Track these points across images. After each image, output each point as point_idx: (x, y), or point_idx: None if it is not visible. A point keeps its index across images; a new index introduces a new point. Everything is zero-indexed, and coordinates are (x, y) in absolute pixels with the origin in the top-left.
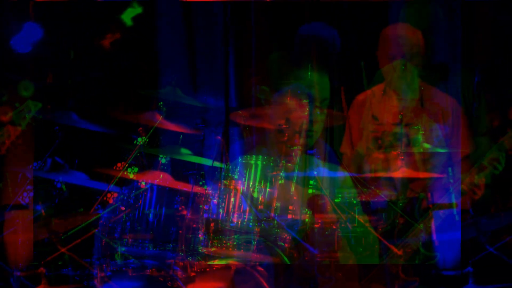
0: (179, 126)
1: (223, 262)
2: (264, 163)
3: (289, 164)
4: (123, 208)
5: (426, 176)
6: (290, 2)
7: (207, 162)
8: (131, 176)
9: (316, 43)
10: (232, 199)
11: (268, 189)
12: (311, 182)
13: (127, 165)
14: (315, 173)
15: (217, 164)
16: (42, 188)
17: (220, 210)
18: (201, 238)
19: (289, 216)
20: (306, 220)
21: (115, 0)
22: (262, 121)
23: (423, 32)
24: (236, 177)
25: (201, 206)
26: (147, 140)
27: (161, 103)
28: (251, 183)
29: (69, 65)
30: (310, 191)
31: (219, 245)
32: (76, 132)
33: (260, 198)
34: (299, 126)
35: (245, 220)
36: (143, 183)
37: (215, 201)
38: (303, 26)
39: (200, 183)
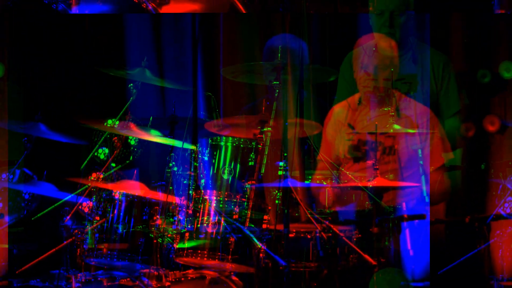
0: (150, 135)
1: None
2: (234, 144)
3: (259, 146)
4: (97, 218)
5: (401, 186)
6: (260, 14)
7: (178, 144)
8: (102, 157)
9: (284, 55)
10: (203, 211)
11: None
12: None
13: (97, 146)
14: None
15: (187, 145)
16: (10, 199)
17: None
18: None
19: (264, 226)
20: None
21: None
22: (236, 130)
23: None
24: (206, 158)
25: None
26: (118, 121)
27: (131, 85)
28: (220, 165)
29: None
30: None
31: (193, 255)
32: (45, 143)
33: (230, 180)
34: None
35: (220, 230)
36: (116, 193)
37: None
38: (272, 37)
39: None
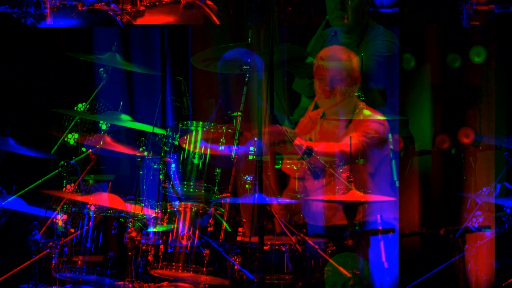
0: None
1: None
2: (204, 128)
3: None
4: (72, 230)
5: (375, 200)
6: (232, 26)
7: (148, 128)
8: (71, 142)
9: (238, 68)
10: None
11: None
12: None
13: (67, 131)
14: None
15: (157, 130)
16: None
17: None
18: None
19: (239, 239)
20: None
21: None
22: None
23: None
24: (176, 143)
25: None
26: (88, 106)
27: (102, 69)
28: (191, 150)
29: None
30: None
31: (168, 267)
32: (14, 158)
33: (200, 165)
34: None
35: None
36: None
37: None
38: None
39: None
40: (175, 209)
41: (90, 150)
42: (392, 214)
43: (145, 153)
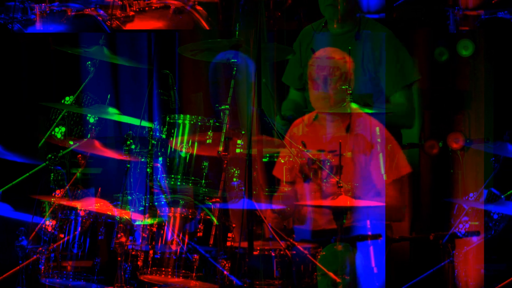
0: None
1: None
2: (192, 122)
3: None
4: (62, 236)
5: (365, 205)
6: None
7: (135, 121)
8: (59, 136)
9: (229, 70)
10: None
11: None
12: None
13: (54, 124)
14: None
15: (145, 123)
16: None
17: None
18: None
19: (228, 244)
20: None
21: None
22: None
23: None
24: (164, 136)
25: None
26: (74, 100)
27: (89, 62)
28: (178, 143)
29: None
30: None
31: (157, 272)
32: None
33: (187, 159)
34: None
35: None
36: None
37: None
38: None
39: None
40: (165, 213)
41: (80, 155)
42: (379, 217)
43: (137, 157)
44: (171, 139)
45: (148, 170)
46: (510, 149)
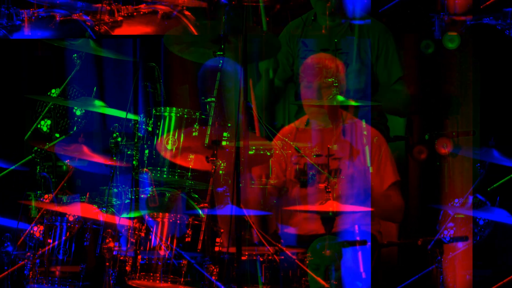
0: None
1: None
2: (178, 115)
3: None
4: (50, 241)
5: (354, 210)
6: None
7: (121, 114)
8: (45, 129)
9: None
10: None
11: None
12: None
13: (40, 117)
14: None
15: (130, 116)
16: None
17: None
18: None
19: (216, 249)
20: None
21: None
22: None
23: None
24: (150, 129)
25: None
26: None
27: (75, 55)
28: (164, 135)
29: None
30: None
31: (146, 277)
32: None
33: (173, 151)
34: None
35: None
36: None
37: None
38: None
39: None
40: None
41: (68, 161)
42: (365, 221)
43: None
44: (157, 132)
45: (134, 162)
46: (495, 155)
